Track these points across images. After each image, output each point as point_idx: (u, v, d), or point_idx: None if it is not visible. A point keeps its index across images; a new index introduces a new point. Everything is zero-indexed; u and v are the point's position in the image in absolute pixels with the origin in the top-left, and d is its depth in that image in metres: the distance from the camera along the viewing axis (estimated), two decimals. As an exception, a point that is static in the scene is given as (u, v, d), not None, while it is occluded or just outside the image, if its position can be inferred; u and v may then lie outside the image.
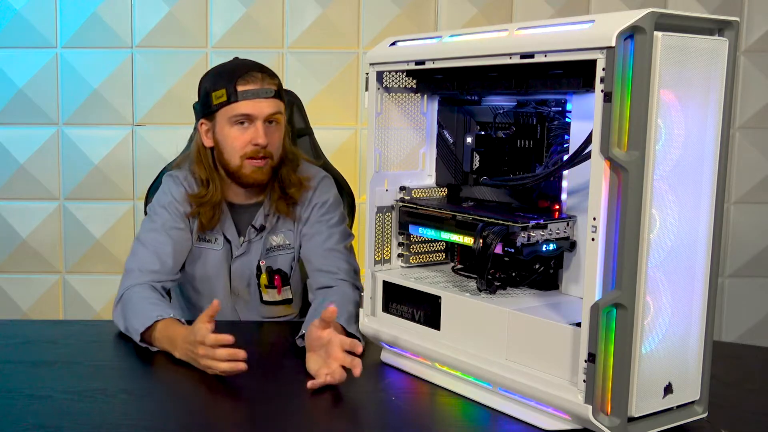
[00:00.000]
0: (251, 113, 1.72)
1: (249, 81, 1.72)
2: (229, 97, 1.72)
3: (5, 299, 2.94)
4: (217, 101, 1.74)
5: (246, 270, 1.88)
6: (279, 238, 1.88)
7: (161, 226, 1.79)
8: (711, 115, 1.18)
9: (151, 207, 1.84)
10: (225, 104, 1.73)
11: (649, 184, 1.11)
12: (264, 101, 1.73)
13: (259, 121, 1.73)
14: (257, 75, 1.74)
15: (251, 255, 1.87)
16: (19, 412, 1.29)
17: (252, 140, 1.73)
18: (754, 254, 2.92)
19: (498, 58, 1.26)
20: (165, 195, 1.83)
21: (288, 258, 1.90)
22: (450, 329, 1.40)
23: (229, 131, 1.75)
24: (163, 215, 1.80)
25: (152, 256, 1.75)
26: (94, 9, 2.83)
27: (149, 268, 1.74)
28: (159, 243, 1.77)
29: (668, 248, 1.16)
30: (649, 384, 1.17)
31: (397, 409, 1.35)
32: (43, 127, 2.88)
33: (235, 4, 2.84)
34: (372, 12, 2.84)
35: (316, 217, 1.85)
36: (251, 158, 1.75)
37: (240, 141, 1.74)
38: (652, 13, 1.07)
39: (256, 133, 1.73)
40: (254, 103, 1.72)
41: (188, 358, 1.49)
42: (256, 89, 1.72)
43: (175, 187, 1.83)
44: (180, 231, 1.80)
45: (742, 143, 2.87)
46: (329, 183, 1.91)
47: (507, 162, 1.51)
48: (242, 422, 1.28)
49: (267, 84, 1.74)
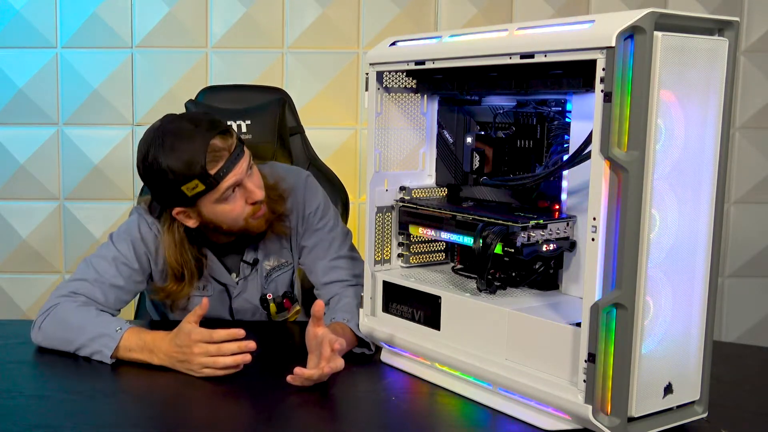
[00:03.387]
0: (235, 181, 1.57)
1: (217, 157, 1.54)
2: (207, 185, 1.54)
3: (5, 299, 2.94)
4: (194, 192, 1.55)
5: (249, 305, 1.81)
6: (273, 261, 1.80)
7: (114, 258, 1.65)
8: (711, 115, 1.18)
9: (114, 234, 1.70)
10: (205, 192, 1.55)
11: (649, 184, 1.11)
12: (239, 163, 1.57)
13: (244, 180, 1.59)
14: (217, 143, 1.54)
15: (250, 290, 1.79)
16: (19, 412, 1.29)
17: (248, 201, 1.61)
18: (754, 254, 2.92)
19: (498, 58, 1.26)
20: (133, 230, 1.69)
21: (288, 275, 1.83)
22: (450, 329, 1.40)
23: (222, 208, 1.60)
24: (121, 247, 1.66)
25: (93, 284, 1.62)
26: (94, 9, 2.83)
27: (86, 293, 1.60)
28: (106, 273, 1.63)
29: (668, 248, 1.16)
30: (649, 384, 1.17)
31: (397, 409, 1.35)
32: (43, 127, 2.88)
33: (235, 4, 2.84)
34: (372, 12, 2.84)
35: (313, 226, 1.77)
36: (253, 215, 1.64)
37: (238, 209, 1.61)
38: (652, 13, 1.07)
39: (250, 194, 1.60)
40: (233, 172, 1.56)
41: (174, 361, 1.45)
42: (227, 162, 1.55)
43: (146, 228, 1.69)
44: (132, 271, 1.66)
45: (742, 143, 2.87)
46: (313, 183, 1.81)
47: (507, 162, 1.51)
48: (242, 422, 1.28)
49: (229, 141, 1.57)
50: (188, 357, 1.43)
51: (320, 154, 2.26)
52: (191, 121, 1.57)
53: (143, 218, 1.71)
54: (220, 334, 1.40)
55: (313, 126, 2.19)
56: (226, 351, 1.39)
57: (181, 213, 1.62)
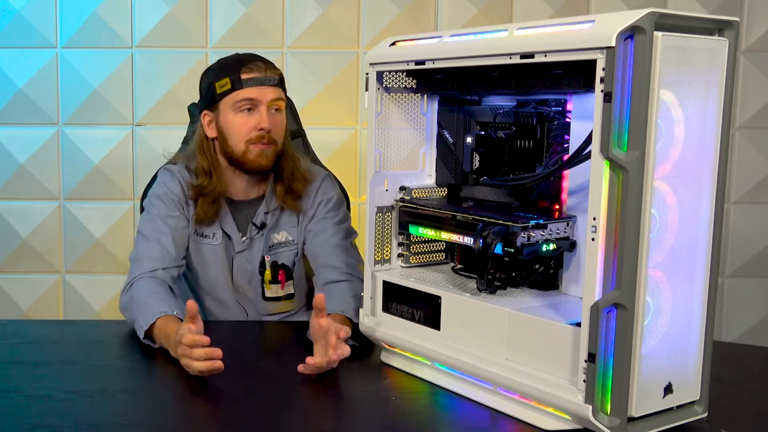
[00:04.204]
0: (255, 97, 1.77)
1: (252, 69, 1.77)
2: (233, 84, 1.76)
3: (5, 299, 2.94)
4: (221, 90, 1.78)
5: (248, 265, 1.89)
6: (281, 236, 1.90)
7: (157, 215, 1.82)
8: (711, 115, 1.18)
9: (147, 200, 1.88)
10: (229, 92, 1.77)
11: (649, 184, 1.11)
12: (266, 88, 1.78)
13: (263, 106, 1.77)
14: (260, 64, 1.79)
15: (253, 251, 1.89)
16: (19, 412, 1.29)
17: (257, 125, 1.77)
18: (754, 254, 2.92)
19: (498, 58, 1.26)
20: (160, 186, 1.86)
21: (291, 254, 1.92)
22: (450, 329, 1.40)
23: (233, 118, 1.78)
24: (158, 205, 1.83)
25: (154, 245, 1.78)
26: (94, 9, 2.82)
27: (152, 256, 1.76)
28: (158, 232, 1.80)
29: (668, 248, 1.16)
30: (649, 384, 1.17)
31: (397, 409, 1.35)
32: (43, 127, 2.87)
33: (235, 4, 2.83)
34: (372, 12, 2.84)
35: (322, 213, 1.88)
36: (256, 143, 1.78)
37: (245, 126, 1.78)
38: (652, 13, 1.07)
39: (261, 118, 1.77)
40: (258, 89, 1.77)
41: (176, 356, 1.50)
42: (260, 77, 1.77)
43: (170, 179, 1.86)
44: (175, 219, 1.83)
45: (742, 143, 2.87)
46: (332, 182, 1.96)
47: (507, 162, 1.51)
48: (242, 422, 1.28)
49: (270, 73, 1.79)
50: (177, 356, 1.47)
51: (320, 154, 2.26)
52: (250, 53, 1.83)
53: (165, 171, 1.89)
54: (187, 339, 1.42)
55: (313, 126, 2.19)
56: (193, 355, 1.41)
57: (206, 116, 1.84)
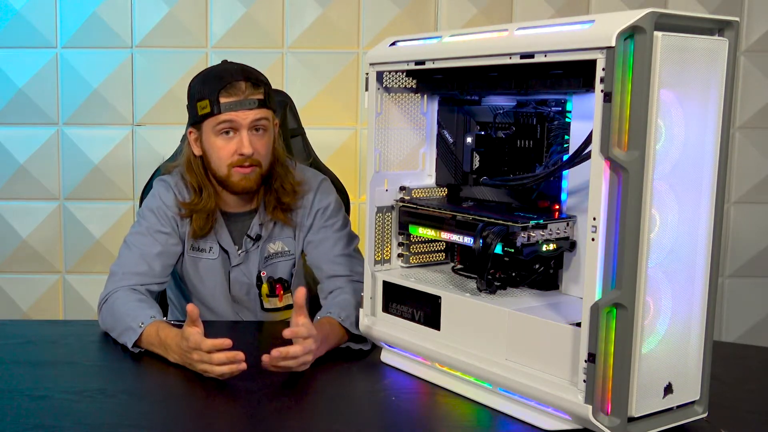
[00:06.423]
0: (235, 119, 1.69)
1: (231, 93, 1.68)
2: (212, 108, 1.69)
3: (5, 299, 2.94)
4: (202, 111, 1.71)
5: (245, 279, 1.86)
6: (277, 246, 1.87)
7: (147, 229, 1.78)
8: (711, 115, 1.18)
9: (140, 211, 1.83)
10: (209, 115, 1.70)
11: (649, 184, 1.11)
12: (247, 111, 1.69)
13: (243, 129, 1.70)
14: (241, 84, 1.69)
15: (249, 264, 1.86)
16: (19, 412, 1.29)
17: (237, 150, 1.71)
18: (754, 254, 2.92)
19: (498, 58, 1.26)
20: (154, 199, 1.81)
21: (288, 264, 1.89)
22: (450, 329, 1.40)
23: (214, 141, 1.72)
24: (150, 219, 1.79)
25: (138, 259, 1.74)
26: (94, 9, 2.83)
27: (134, 271, 1.73)
28: (145, 245, 1.76)
29: (668, 248, 1.16)
30: (649, 384, 1.17)
31: (397, 409, 1.35)
32: (43, 127, 2.88)
33: (235, 4, 2.83)
34: (372, 12, 2.84)
35: (320, 223, 1.84)
36: (238, 167, 1.72)
37: (225, 151, 1.72)
38: (652, 13, 1.07)
39: (241, 143, 1.70)
40: (237, 113, 1.69)
41: (183, 362, 1.48)
42: (238, 100, 1.68)
43: (165, 192, 1.81)
44: (166, 235, 1.78)
45: (742, 143, 2.87)
46: (328, 187, 1.90)
47: (507, 162, 1.51)
48: (242, 422, 1.28)
49: (251, 94, 1.70)
50: (190, 361, 1.46)
51: (320, 154, 2.25)
52: (234, 64, 1.77)
53: (161, 182, 1.84)
54: (206, 344, 1.41)
55: (313, 126, 2.19)
56: (215, 360, 1.41)
57: (192, 134, 1.78)
